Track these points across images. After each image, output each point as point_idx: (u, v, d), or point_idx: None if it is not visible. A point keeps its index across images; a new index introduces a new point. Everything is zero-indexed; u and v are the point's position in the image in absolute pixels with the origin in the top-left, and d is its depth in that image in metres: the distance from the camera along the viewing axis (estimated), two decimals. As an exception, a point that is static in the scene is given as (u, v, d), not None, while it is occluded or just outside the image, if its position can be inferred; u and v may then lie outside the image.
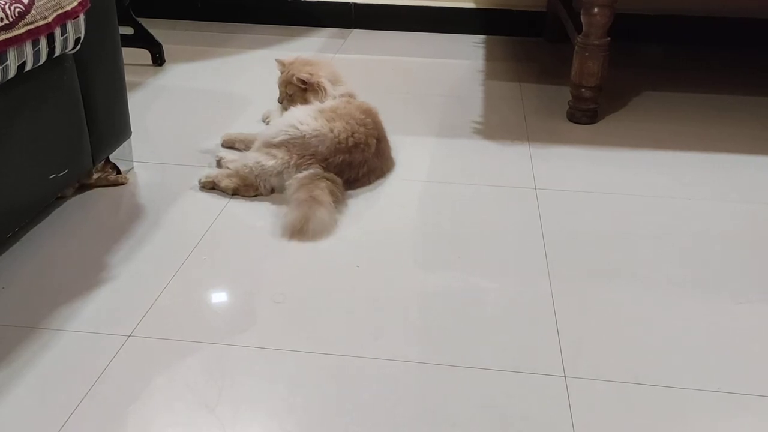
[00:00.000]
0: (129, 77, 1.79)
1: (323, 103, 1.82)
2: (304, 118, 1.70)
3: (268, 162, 1.68)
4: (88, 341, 1.24)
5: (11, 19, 1.26)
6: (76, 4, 1.42)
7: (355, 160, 1.70)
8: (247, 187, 1.70)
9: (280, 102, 1.95)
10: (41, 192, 1.48)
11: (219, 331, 1.27)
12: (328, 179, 1.64)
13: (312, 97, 1.85)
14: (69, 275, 1.42)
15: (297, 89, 1.87)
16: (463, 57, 2.77)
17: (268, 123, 2.01)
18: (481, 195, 1.75)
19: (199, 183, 1.74)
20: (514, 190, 1.77)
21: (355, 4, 3.06)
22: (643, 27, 2.91)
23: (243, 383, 1.16)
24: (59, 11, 1.38)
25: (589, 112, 2.16)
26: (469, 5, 3.02)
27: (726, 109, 2.28)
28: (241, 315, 1.32)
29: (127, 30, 2.49)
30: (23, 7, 1.29)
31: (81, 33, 1.46)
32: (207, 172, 1.76)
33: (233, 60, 2.68)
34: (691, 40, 2.91)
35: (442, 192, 1.76)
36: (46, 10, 1.34)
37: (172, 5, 3.12)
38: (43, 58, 1.37)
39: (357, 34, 3.04)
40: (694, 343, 1.26)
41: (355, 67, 2.63)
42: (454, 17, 3.03)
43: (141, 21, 2.55)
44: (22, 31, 1.28)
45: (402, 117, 2.18)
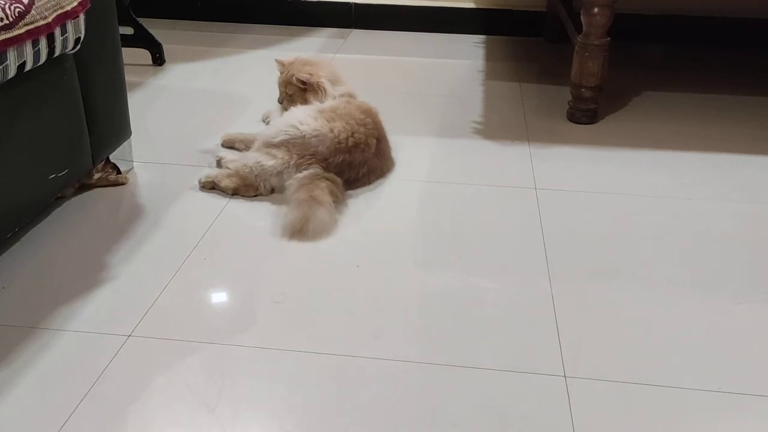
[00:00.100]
0: (129, 77, 1.80)
1: (323, 103, 1.82)
2: (304, 118, 1.70)
3: (268, 162, 1.68)
4: (88, 341, 1.24)
5: (11, 19, 1.26)
6: (76, 4, 1.42)
7: (355, 160, 1.70)
8: (247, 187, 1.70)
9: (280, 102, 1.95)
10: (41, 192, 1.48)
11: (219, 331, 1.27)
12: (328, 179, 1.64)
13: (312, 98, 1.85)
14: (69, 275, 1.42)
15: (297, 89, 1.87)
16: (463, 57, 2.77)
17: (268, 123, 2.01)
18: (481, 195, 1.75)
19: (199, 183, 1.74)
20: (514, 190, 1.77)
21: (355, 4, 3.06)
22: (643, 27, 2.91)
23: (243, 383, 1.16)
24: (59, 11, 1.38)
25: (589, 112, 2.16)
26: (469, 5, 3.02)
27: (726, 109, 2.28)
28: (241, 315, 1.32)
29: (127, 30, 2.49)
30: (23, 7, 1.29)
31: (81, 33, 1.46)
32: (207, 172, 1.76)
33: (233, 60, 2.68)
34: (691, 40, 2.91)
35: (442, 192, 1.76)
36: (46, 10, 1.34)
37: (172, 5, 3.12)
38: (43, 58, 1.37)
39: (357, 34, 3.03)
40: (694, 343, 1.26)
41: (355, 67, 2.63)
42: (454, 17, 3.03)
43: (141, 21, 2.55)
44: (22, 31, 1.28)
45: (402, 117, 2.18)
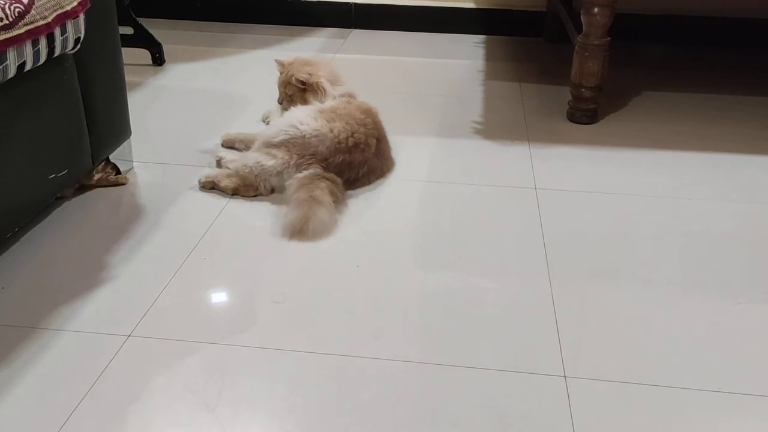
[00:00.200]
0: (129, 77, 1.80)
1: (323, 103, 1.82)
2: (304, 118, 1.70)
3: (268, 162, 1.68)
4: (88, 341, 1.24)
5: (11, 19, 1.26)
6: (75, 4, 1.42)
7: (355, 160, 1.70)
8: (247, 187, 1.70)
9: (280, 102, 1.95)
10: (41, 192, 1.48)
11: (219, 331, 1.27)
12: (328, 179, 1.64)
13: (312, 98, 1.85)
14: (69, 275, 1.42)
15: (296, 90, 1.87)
16: (463, 57, 2.77)
17: (268, 123, 2.01)
18: (481, 195, 1.75)
19: (199, 183, 1.74)
20: (514, 190, 1.77)
21: (355, 4, 3.06)
22: (643, 27, 2.90)
23: (243, 383, 1.16)
24: (59, 11, 1.38)
25: (589, 112, 2.16)
26: (469, 5, 3.02)
27: (726, 109, 2.28)
28: (241, 315, 1.32)
29: (127, 30, 2.49)
30: (23, 7, 1.29)
31: (81, 33, 1.46)
32: (207, 172, 1.76)
33: (233, 60, 2.68)
34: (691, 40, 2.91)
35: (442, 192, 1.76)
36: (46, 10, 1.34)
37: (172, 5, 3.12)
38: (42, 58, 1.37)
39: (357, 34, 3.03)
40: (694, 343, 1.26)
41: (355, 67, 2.63)
42: (454, 17, 3.03)
43: (141, 21, 2.55)
44: (22, 31, 1.28)
45: (402, 117, 2.18)
